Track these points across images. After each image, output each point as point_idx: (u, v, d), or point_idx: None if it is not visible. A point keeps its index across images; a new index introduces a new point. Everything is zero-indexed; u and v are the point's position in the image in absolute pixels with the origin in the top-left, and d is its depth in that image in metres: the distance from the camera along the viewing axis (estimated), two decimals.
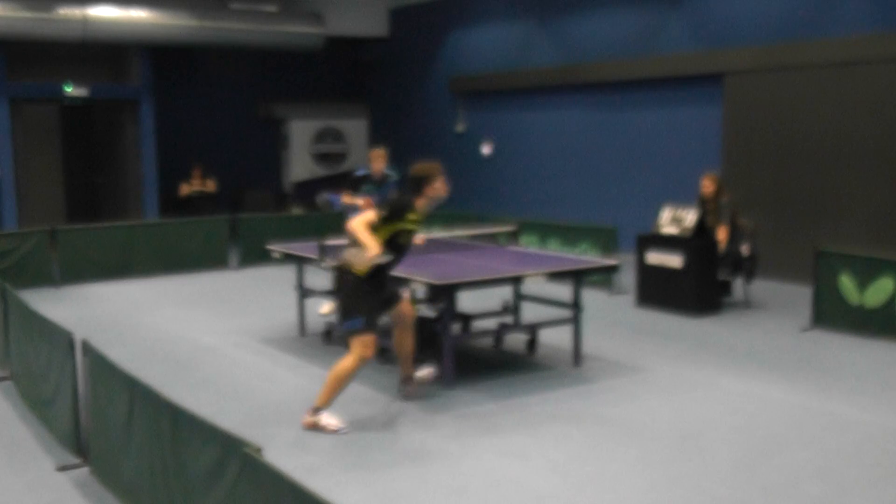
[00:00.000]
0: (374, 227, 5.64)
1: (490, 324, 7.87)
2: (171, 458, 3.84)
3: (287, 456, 5.03)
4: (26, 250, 10.99)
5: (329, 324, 8.11)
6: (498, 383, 6.72)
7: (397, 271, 6.21)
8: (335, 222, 13.93)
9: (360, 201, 9.07)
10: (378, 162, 9.26)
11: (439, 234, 8.94)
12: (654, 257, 9.31)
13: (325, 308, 9.34)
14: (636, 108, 12.97)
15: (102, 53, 15.33)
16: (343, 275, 5.76)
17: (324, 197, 16.12)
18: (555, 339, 7.67)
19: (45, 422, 5.75)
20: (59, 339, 5.23)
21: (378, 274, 5.77)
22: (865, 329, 8.04)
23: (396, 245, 5.84)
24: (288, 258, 8.16)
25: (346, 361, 5.68)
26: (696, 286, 8.98)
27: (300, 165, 17.52)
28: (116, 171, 16.20)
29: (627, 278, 9.99)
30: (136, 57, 15.24)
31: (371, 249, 5.48)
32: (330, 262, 6.51)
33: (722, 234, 9.21)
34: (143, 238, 12.08)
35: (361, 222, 5.62)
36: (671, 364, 7.19)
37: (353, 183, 9.35)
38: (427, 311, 7.62)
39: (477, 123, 15.81)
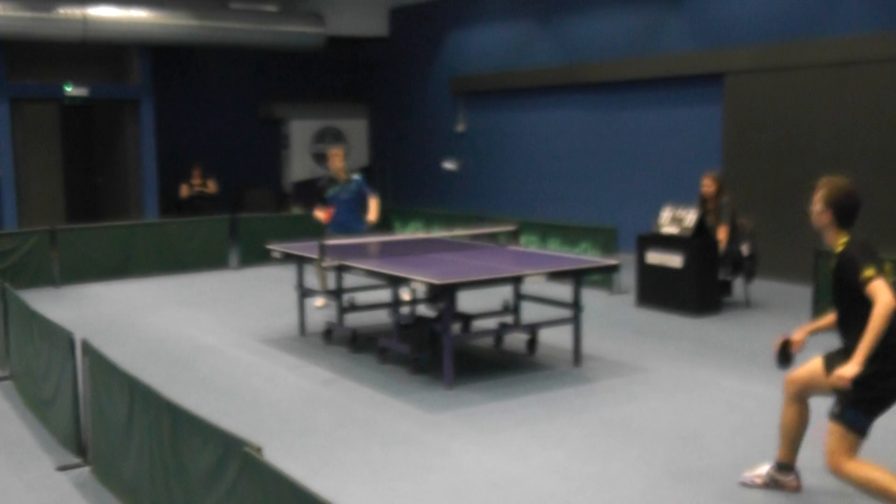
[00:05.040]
0: None
1: (490, 324, 7.87)
2: (171, 458, 3.84)
3: (287, 456, 5.03)
4: (26, 250, 11.00)
5: (329, 323, 8.11)
6: (498, 383, 6.72)
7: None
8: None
9: (321, 215, 9.35)
10: (336, 160, 9.47)
11: (439, 234, 8.94)
12: (655, 257, 9.31)
13: (318, 301, 9.36)
14: (636, 108, 12.96)
15: (102, 53, 15.32)
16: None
17: None
18: (555, 338, 7.66)
19: (45, 422, 5.75)
20: (59, 339, 5.23)
21: None
22: None
23: None
24: (288, 258, 8.16)
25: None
26: (696, 286, 8.98)
27: (300, 165, 17.51)
28: (116, 171, 16.20)
29: (627, 278, 9.99)
30: (136, 57, 15.25)
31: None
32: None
33: (722, 234, 9.21)
34: (143, 238, 12.08)
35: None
36: (671, 364, 7.18)
37: (320, 194, 9.53)
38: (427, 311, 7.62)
39: (477, 123, 15.81)
